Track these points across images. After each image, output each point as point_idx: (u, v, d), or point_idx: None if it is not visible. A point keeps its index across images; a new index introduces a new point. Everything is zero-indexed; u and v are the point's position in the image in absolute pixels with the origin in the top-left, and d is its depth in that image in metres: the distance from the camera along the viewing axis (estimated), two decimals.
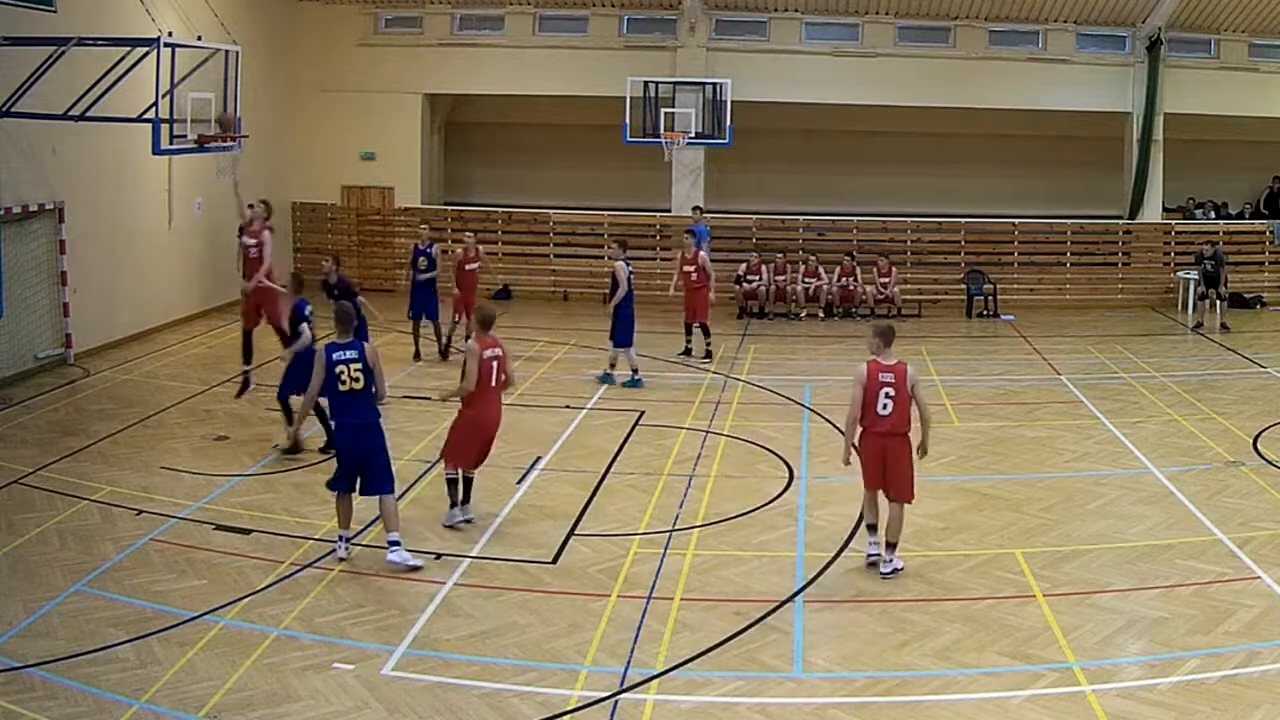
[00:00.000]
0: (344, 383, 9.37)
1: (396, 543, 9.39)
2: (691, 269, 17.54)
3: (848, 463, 9.45)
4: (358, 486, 9.48)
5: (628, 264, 16.23)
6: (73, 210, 16.68)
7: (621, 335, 15.93)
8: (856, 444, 9.41)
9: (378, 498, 9.48)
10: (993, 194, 24.79)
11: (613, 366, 16.06)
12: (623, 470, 12.11)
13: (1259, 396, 15.32)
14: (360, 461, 9.43)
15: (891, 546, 9.30)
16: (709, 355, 17.67)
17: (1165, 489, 11.42)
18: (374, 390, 9.51)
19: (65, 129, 14.99)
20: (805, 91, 23.15)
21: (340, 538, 9.63)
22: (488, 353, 10.20)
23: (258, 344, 15.49)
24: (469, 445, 10.35)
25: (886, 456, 9.22)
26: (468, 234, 18.83)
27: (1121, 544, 9.99)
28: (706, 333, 17.78)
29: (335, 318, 9.58)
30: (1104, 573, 9.35)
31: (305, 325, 12.37)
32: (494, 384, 10.31)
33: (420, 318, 17.28)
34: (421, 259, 17.26)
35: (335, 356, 9.38)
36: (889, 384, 9.17)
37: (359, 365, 9.38)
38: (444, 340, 17.30)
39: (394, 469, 9.71)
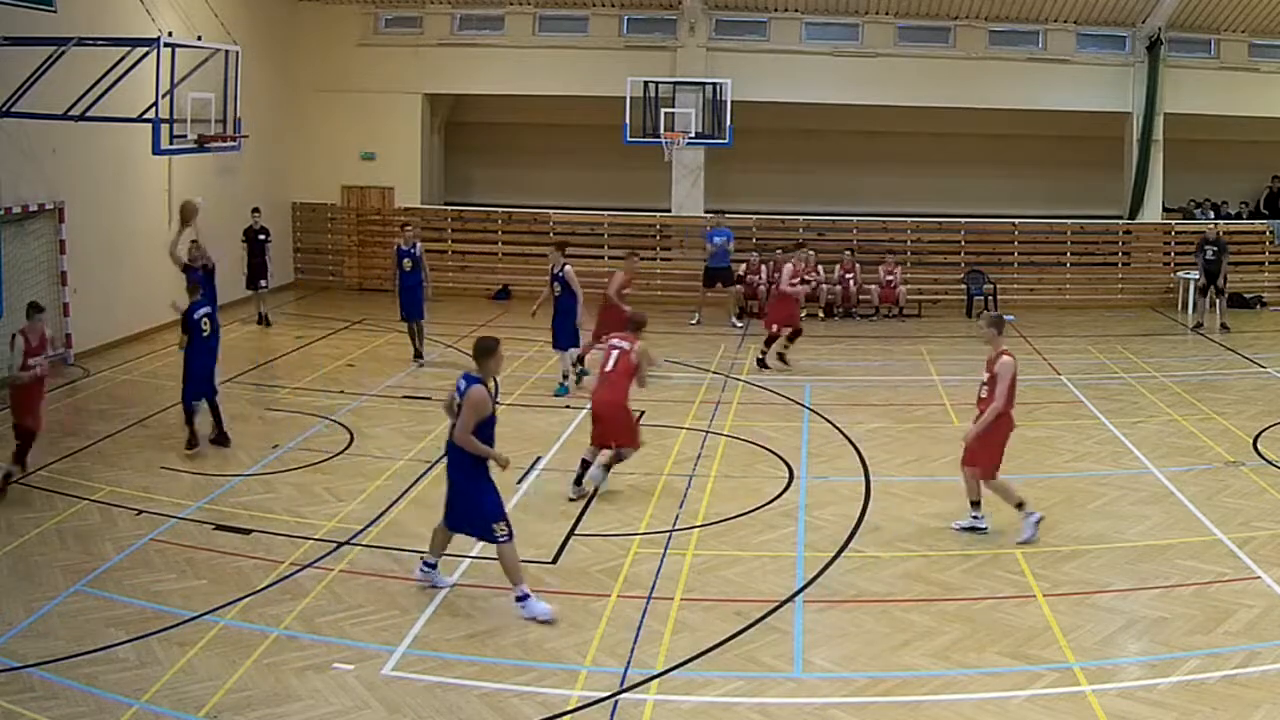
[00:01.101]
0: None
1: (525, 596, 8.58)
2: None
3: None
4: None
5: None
6: (73, 210, 16.68)
7: (567, 339, 15.64)
8: (982, 432, 9.99)
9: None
10: (993, 194, 24.79)
11: (566, 377, 15.57)
12: (623, 470, 12.09)
13: (1259, 396, 15.32)
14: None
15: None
16: None
17: (1165, 489, 11.42)
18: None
19: (65, 129, 14.98)
20: (805, 91, 23.16)
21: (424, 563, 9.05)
22: (614, 340, 11.54)
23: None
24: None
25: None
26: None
27: (1121, 544, 10.00)
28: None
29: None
30: (1104, 573, 9.35)
31: None
32: (608, 368, 11.34)
33: (410, 319, 17.17)
34: (406, 260, 17.07)
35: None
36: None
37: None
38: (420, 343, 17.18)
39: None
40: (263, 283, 20.19)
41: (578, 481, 11.20)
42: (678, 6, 22.86)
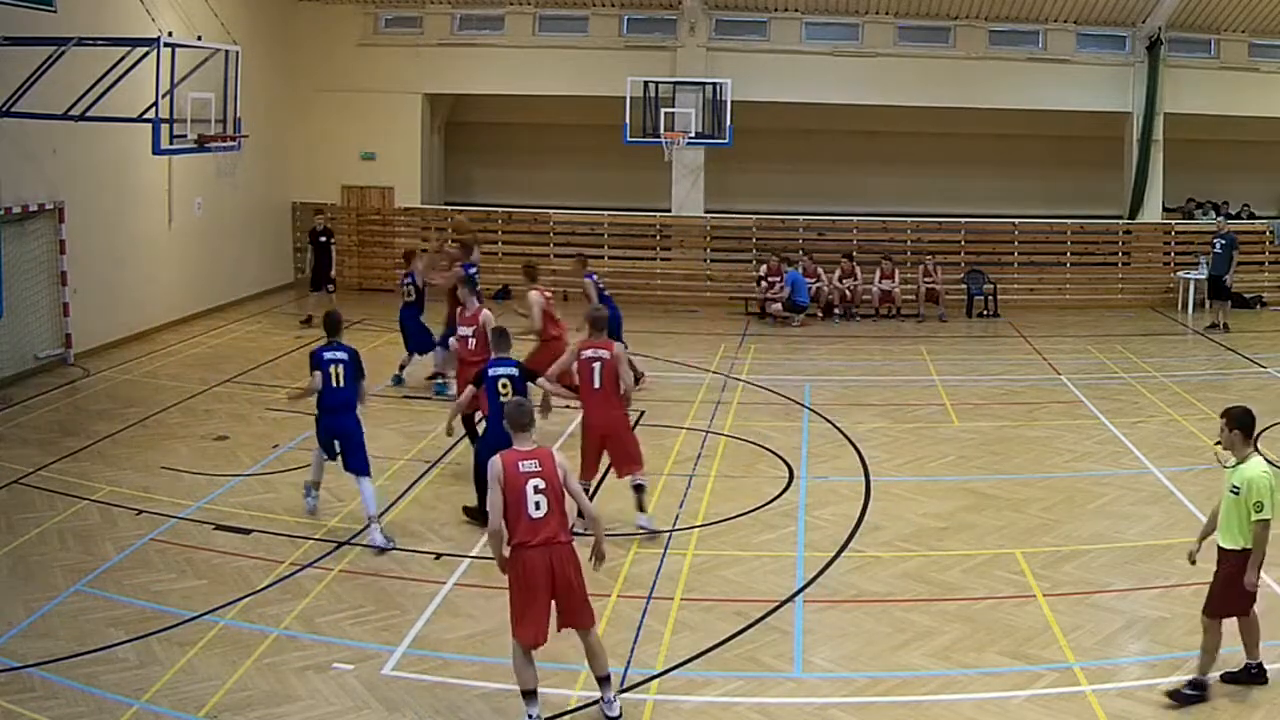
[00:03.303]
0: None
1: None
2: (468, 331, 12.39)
3: None
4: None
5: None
6: (73, 210, 16.68)
7: (422, 342, 15.48)
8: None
9: None
10: (993, 194, 24.77)
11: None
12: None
13: (1259, 396, 15.29)
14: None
15: None
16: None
17: (1165, 489, 11.42)
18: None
19: (65, 129, 14.98)
20: (805, 91, 23.13)
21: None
22: (587, 353, 10.15)
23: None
24: (587, 453, 10.25)
25: None
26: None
27: (1121, 544, 10.00)
28: None
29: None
30: (1104, 573, 9.35)
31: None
32: (596, 386, 10.14)
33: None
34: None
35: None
36: None
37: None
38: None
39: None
40: (329, 286, 19.94)
41: (641, 508, 10.33)
42: (678, 6, 22.86)
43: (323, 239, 20.13)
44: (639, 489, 10.29)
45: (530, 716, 7.03)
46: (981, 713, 7.20)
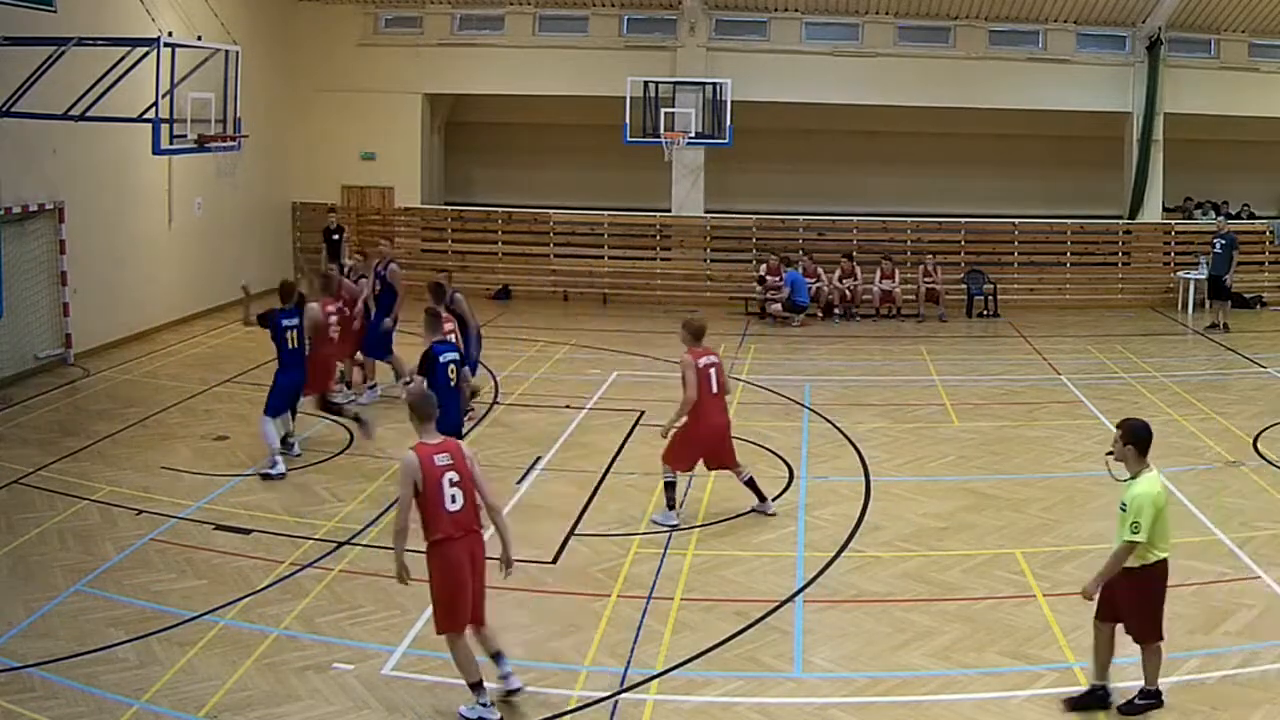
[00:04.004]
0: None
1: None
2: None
3: None
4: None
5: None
6: (73, 210, 16.68)
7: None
8: None
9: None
10: (993, 194, 24.77)
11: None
12: (623, 470, 12.11)
13: (1259, 396, 15.31)
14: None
15: None
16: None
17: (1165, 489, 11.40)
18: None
19: (65, 129, 14.98)
20: (805, 91, 23.14)
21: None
22: (703, 361, 10.39)
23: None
24: (686, 450, 10.49)
25: None
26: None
27: None
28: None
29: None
30: None
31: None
32: (714, 391, 10.43)
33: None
34: (375, 281, 14.93)
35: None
36: None
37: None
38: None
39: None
40: None
41: (761, 498, 10.83)
42: (678, 6, 22.86)
43: (335, 237, 20.17)
44: (752, 481, 10.77)
45: (483, 705, 7.02)
46: (981, 713, 7.20)
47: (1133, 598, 6.96)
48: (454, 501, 6.97)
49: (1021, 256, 23.48)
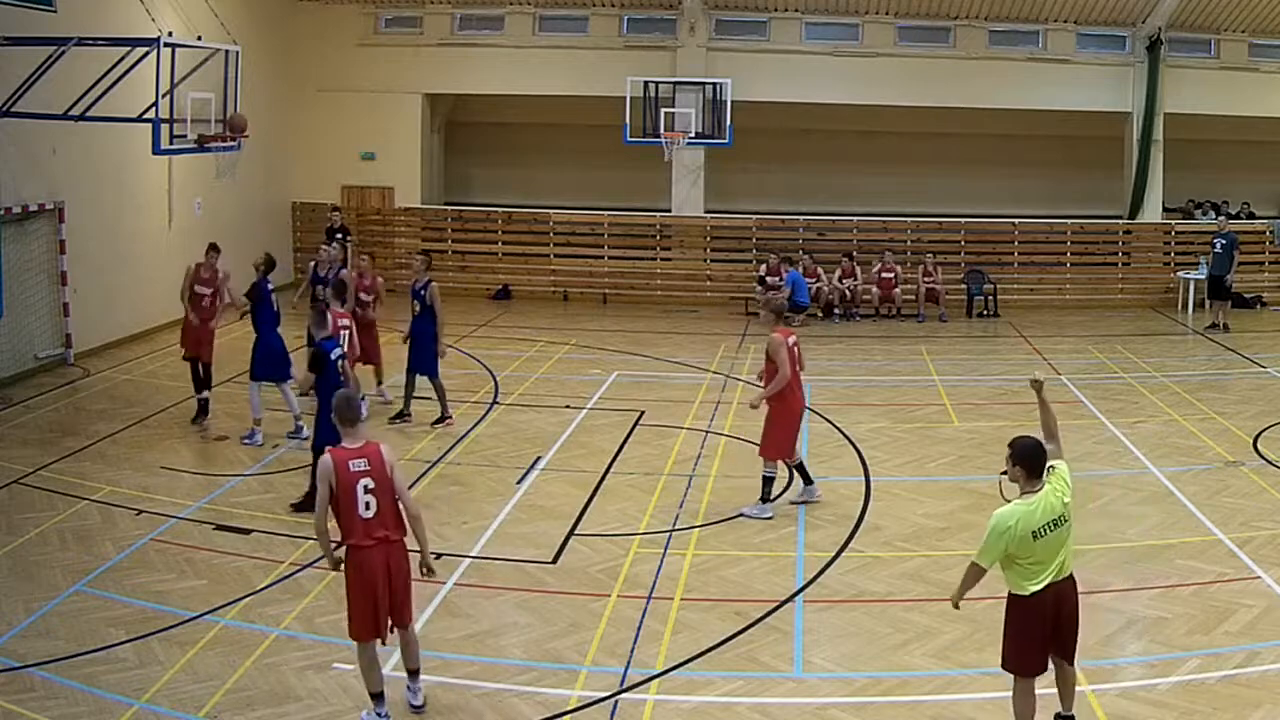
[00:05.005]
0: None
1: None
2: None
3: None
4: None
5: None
6: (73, 210, 16.68)
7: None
8: None
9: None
10: (993, 194, 24.78)
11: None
12: (623, 470, 12.11)
13: (1259, 396, 15.31)
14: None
15: None
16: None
17: (1165, 489, 11.42)
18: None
19: (65, 129, 14.98)
20: (805, 91, 23.14)
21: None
22: (791, 340, 10.74)
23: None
24: (791, 435, 10.82)
25: None
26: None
27: (1121, 544, 9.99)
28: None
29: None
30: (1104, 573, 9.33)
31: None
32: (800, 369, 10.88)
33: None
34: (414, 302, 13.85)
35: None
36: None
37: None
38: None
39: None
40: None
41: (809, 481, 11.08)
42: (678, 6, 22.86)
43: (339, 237, 20.15)
44: (802, 466, 11.06)
45: (380, 716, 6.98)
46: (981, 713, 7.20)
47: (1005, 621, 6.63)
48: (368, 509, 6.88)
49: (1021, 256, 23.49)
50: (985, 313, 22.13)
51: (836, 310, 21.88)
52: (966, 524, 10.56)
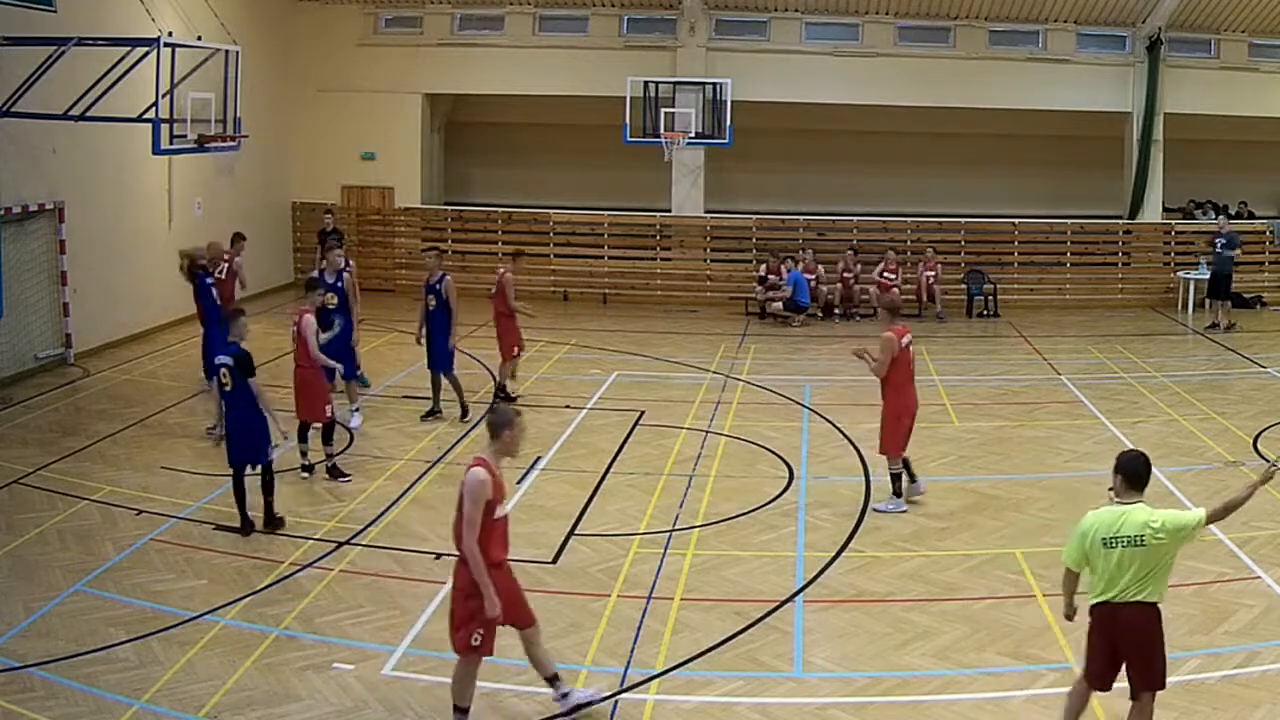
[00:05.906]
0: None
1: None
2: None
3: None
4: None
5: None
6: (73, 210, 16.68)
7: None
8: None
9: None
10: (993, 194, 24.77)
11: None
12: (623, 470, 12.11)
13: (1259, 396, 15.31)
14: None
15: None
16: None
17: (1165, 489, 11.40)
18: None
19: (65, 129, 14.99)
20: (805, 91, 23.13)
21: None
22: (905, 339, 10.74)
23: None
24: (901, 429, 10.87)
25: None
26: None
27: None
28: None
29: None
30: None
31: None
32: (913, 367, 11.00)
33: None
34: (430, 297, 13.88)
35: None
36: None
37: None
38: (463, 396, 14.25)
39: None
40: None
41: (914, 479, 11.17)
42: (678, 6, 22.86)
43: (331, 239, 20.08)
44: (907, 463, 11.08)
45: None
46: (981, 713, 7.20)
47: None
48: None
49: (1021, 256, 23.48)
50: (985, 313, 22.13)
51: (836, 310, 21.88)
52: (967, 524, 10.58)
